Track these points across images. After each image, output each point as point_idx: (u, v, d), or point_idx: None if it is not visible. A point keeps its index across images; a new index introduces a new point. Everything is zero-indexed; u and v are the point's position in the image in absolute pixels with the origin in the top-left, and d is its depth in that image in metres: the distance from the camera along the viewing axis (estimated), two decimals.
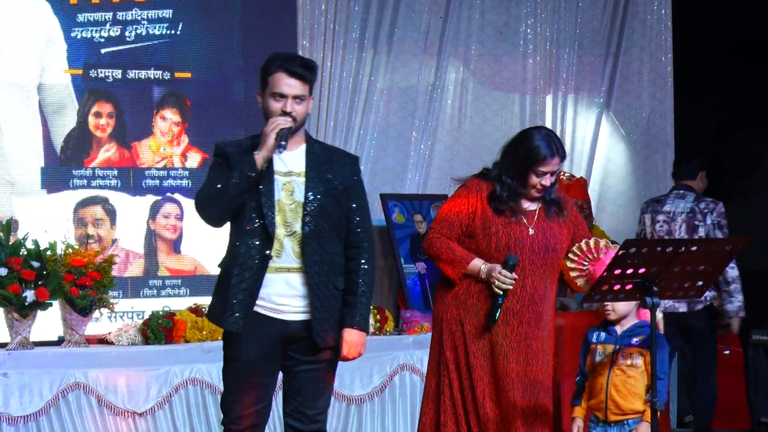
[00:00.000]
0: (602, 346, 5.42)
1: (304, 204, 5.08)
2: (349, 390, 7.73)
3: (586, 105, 9.94)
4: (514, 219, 5.59)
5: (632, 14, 10.07)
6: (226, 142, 5.26)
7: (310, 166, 5.14)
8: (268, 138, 4.96)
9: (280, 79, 5.06)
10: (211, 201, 5.03)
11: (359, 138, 9.03)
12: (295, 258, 5.05)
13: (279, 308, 5.07)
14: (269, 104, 5.09)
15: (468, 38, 9.53)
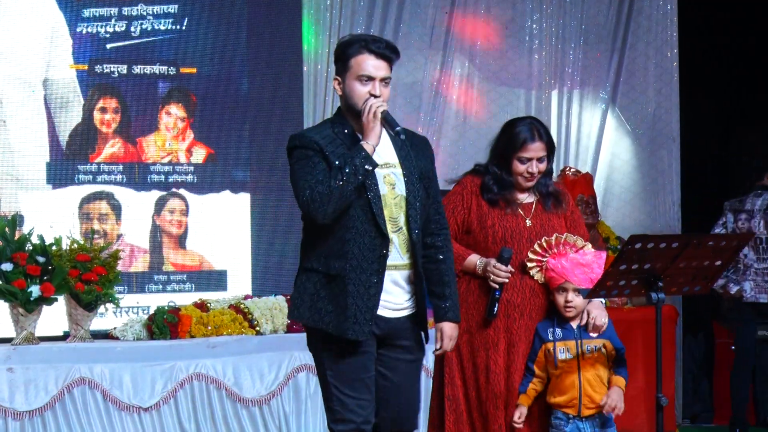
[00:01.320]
0: (562, 343, 5.31)
1: (406, 198, 4.82)
2: None
3: (591, 100, 9.94)
4: (510, 211, 5.55)
5: (638, 9, 10.05)
6: (306, 133, 4.89)
7: (401, 155, 4.87)
8: (373, 125, 4.67)
9: (366, 60, 4.75)
10: (326, 198, 4.59)
11: None
12: (401, 255, 4.81)
13: (384, 305, 4.79)
14: (353, 88, 4.77)
15: (473, 33, 9.53)
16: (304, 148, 4.75)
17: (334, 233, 4.72)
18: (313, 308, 4.78)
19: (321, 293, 4.77)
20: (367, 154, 4.64)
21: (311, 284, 4.80)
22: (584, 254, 5.27)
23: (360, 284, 4.70)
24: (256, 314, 7.67)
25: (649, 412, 7.77)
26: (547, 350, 5.31)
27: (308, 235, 4.89)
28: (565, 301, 5.28)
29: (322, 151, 4.72)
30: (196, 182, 8.40)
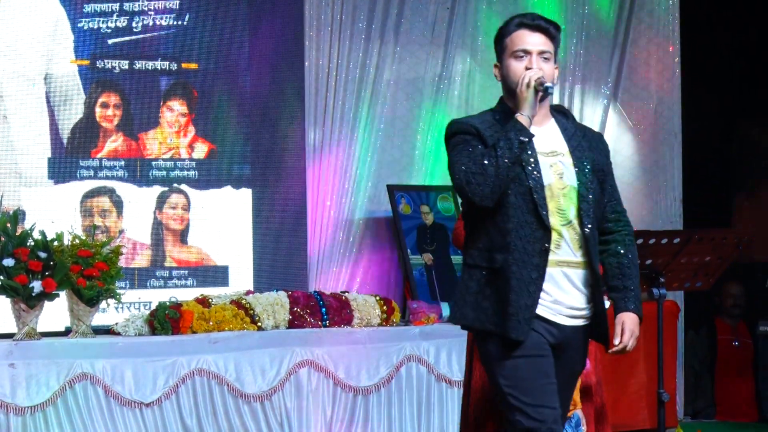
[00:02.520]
0: None
1: (578, 189, 4.47)
2: (356, 381, 7.75)
3: (593, 96, 9.94)
4: None
5: (639, 5, 10.06)
6: (464, 119, 4.56)
7: (572, 145, 4.54)
8: (525, 95, 4.36)
9: (521, 35, 4.47)
10: (481, 177, 4.29)
11: (366, 129, 9.03)
12: (573, 251, 4.45)
13: (557, 309, 4.46)
14: (510, 66, 4.48)
15: (475, 29, 9.53)
16: (462, 133, 4.47)
17: (496, 224, 4.42)
18: (477, 308, 4.46)
19: (485, 291, 4.45)
20: (521, 125, 4.34)
21: (474, 282, 4.48)
22: None
23: (521, 279, 4.36)
24: (258, 310, 7.68)
25: (651, 408, 7.79)
26: None
27: (470, 228, 4.58)
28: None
29: (480, 134, 4.44)
30: (197, 178, 8.40)
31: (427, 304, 8.47)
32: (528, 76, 4.36)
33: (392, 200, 8.91)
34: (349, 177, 8.98)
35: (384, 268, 9.13)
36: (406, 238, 8.86)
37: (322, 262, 8.86)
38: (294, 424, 7.56)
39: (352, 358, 7.78)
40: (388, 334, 8.00)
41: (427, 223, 8.96)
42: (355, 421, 7.78)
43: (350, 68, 8.98)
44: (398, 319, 8.23)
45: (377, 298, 8.20)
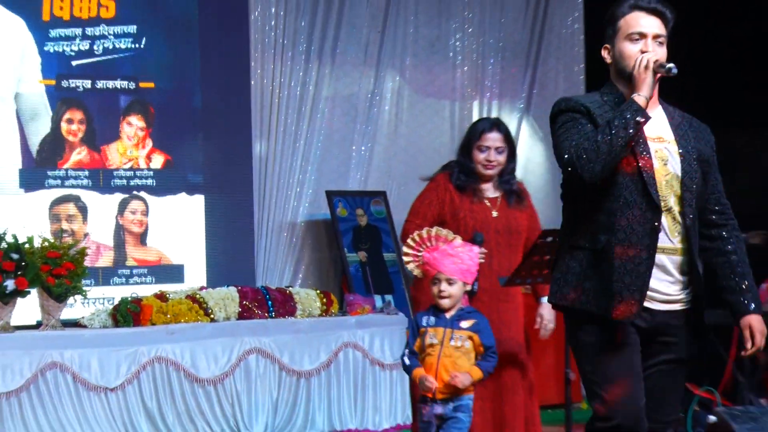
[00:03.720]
0: (433, 329, 5.03)
1: (681, 178, 4.06)
2: (299, 366, 7.76)
3: (508, 110, 10.00)
4: (477, 200, 5.61)
5: (549, 29, 10.11)
6: (573, 98, 4.14)
7: (678, 133, 4.14)
8: (645, 76, 3.96)
9: (636, 17, 4.06)
10: (594, 154, 3.87)
11: (306, 141, 9.04)
12: (670, 237, 4.03)
13: (650, 294, 4.02)
14: (623, 49, 4.07)
15: (403, 51, 9.54)
16: (571, 111, 4.07)
17: (601, 205, 4.00)
18: (578, 288, 4.03)
19: (588, 272, 4.02)
20: (638, 106, 3.93)
21: (576, 263, 4.05)
22: (454, 246, 5.08)
23: (628, 260, 3.94)
24: (211, 303, 7.69)
25: (559, 386, 7.87)
26: (421, 335, 5.09)
27: (571, 210, 4.16)
28: (438, 291, 5.04)
29: (590, 113, 4.04)
30: (155, 185, 8.39)
31: (362, 296, 8.49)
32: (646, 58, 3.98)
33: (330, 204, 8.94)
34: (292, 184, 9.00)
35: (323, 265, 9.15)
36: (342, 238, 8.88)
37: (268, 260, 8.88)
38: (244, 406, 7.57)
39: (296, 346, 7.79)
40: (328, 323, 8.03)
41: (362, 224, 8.99)
42: (299, 402, 7.79)
43: (292, 86, 9.00)
44: (336, 310, 8.24)
45: (317, 292, 8.22)
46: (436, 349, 4.99)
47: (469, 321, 5.06)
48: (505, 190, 5.68)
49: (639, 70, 3.97)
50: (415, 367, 5.03)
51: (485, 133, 5.61)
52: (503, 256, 5.63)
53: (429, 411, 5.01)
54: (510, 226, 5.63)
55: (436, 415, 4.97)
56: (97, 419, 7.14)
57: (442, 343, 4.99)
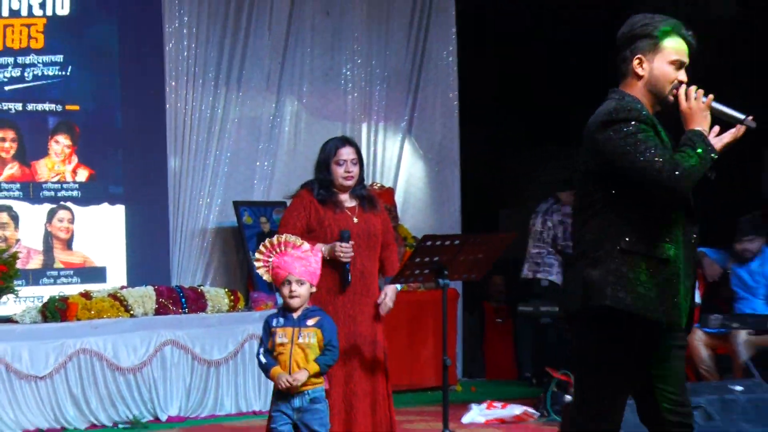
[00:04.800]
0: (282, 329, 4.88)
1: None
2: (209, 355, 7.74)
3: (392, 131, 10.03)
4: (339, 211, 5.56)
5: (427, 60, 10.15)
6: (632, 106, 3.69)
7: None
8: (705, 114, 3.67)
9: (681, 45, 3.76)
10: (692, 176, 3.57)
11: (215, 157, 8.99)
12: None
13: None
14: (665, 71, 3.73)
15: (301, 79, 9.52)
16: (639, 121, 3.67)
17: (654, 214, 3.68)
18: (632, 291, 3.64)
19: (643, 278, 3.65)
20: (712, 147, 3.62)
21: (630, 268, 3.66)
22: (303, 250, 4.94)
23: (682, 269, 3.70)
24: (130, 301, 7.62)
25: (437, 371, 7.92)
26: (273, 334, 4.92)
27: (617, 215, 3.71)
28: (290, 291, 4.89)
29: (656, 127, 3.72)
30: (80, 197, 8.29)
31: (265, 294, 8.47)
32: (700, 94, 3.68)
33: (237, 213, 8.90)
34: (203, 195, 8.94)
35: (231, 266, 9.10)
36: (248, 243, 8.84)
37: (181, 262, 8.81)
38: (160, 391, 7.53)
39: (206, 338, 7.76)
40: (235, 318, 8.01)
41: (265, 230, 8.96)
42: (209, 387, 7.76)
43: (202, 109, 8.94)
44: (242, 306, 8.22)
45: (226, 290, 8.20)
46: (286, 347, 4.84)
47: (314, 318, 4.92)
48: (359, 197, 5.68)
49: (697, 105, 3.67)
50: (272, 366, 4.87)
51: (340, 149, 5.61)
52: (364, 257, 5.59)
53: (287, 405, 4.87)
54: (369, 230, 5.62)
55: (294, 409, 4.85)
56: (28, 405, 7.04)
57: (291, 342, 4.85)
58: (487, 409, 7.53)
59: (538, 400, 7.72)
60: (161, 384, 7.53)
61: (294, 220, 5.55)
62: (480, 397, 8.14)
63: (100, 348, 7.29)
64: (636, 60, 3.74)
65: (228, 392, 7.83)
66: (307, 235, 5.50)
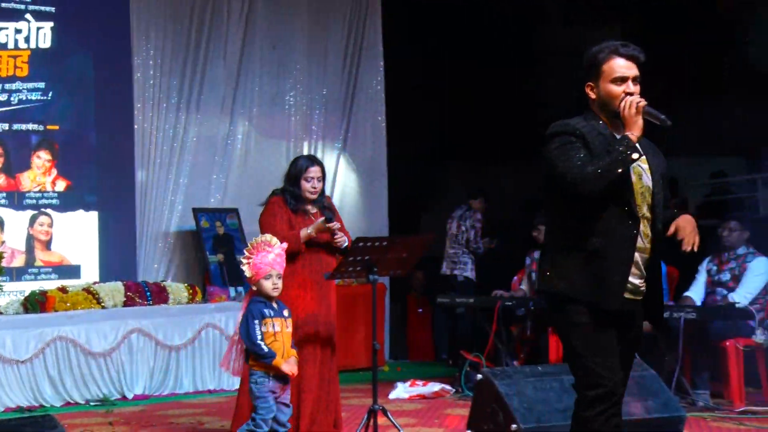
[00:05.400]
0: (272, 319, 4.73)
1: (652, 189, 3.72)
2: (170, 341, 7.65)
3: (329, 148, 10.00)
4: (307, 218, 5.53)
5: (359, 88, 10.15)
6: (568, 123, 3.68)
7: (645, 151, 3.72)
8: (635, 119, 3.58)
9: (617, 63, 3.66)
10: (597, 179, 3.50)
11: (177, 170, 8.89)
12: (643, 239, 3.68)
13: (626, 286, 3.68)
14: (610, 90, 3.66)
15: (251, 103, 9.45)
16: (567, 134, 3.66)
17: (591, 214, 3.61)
18: (569, 279, 3.63)
19: (579, 268, 3.62)
20: (633, 144, 3.56)
21: (568, 260, 3.65)
22: (280, 248, 4.83)
23: (614, 260, 3.60)
24: (102, 294, 7.50)
25: (368, 354, 7.90)
26: (266, 324, 4.74)
27: (562, 217, 3.70)
28: (273, 285, 4.75)
29: (585, 138, 3.64)
30: (58, 204, 8.18)
31: (219, 288, 8.42)
32: (635, 102, 3.61)
33: (195, 218, 8.81)
34: (166, 203, 8.83)
35: (190, 264, 9.00)
36: (205, 244, 8.77)
37: (146, 261, 8.69)
38: (127, 373, 7.42)
39: (168, 326, 7.67)
40: (193, 309, 7.92)
41: (220, 233, 8.89)
42: (170, 369, 7.68)
43: (166, 129, 8.83)
44: (200, 299, 8.14)
45: (185, 285, 8.11)
46: (279, 336, 4.73)
47: (287, 309, 4.86)
48: (320, 206, 5.66)
49: (630, 112, 3.60)
50: (275, 356, 4.68)
51: (309, 167, 5.59)
52: (326, 255, 5.57)
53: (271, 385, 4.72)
54: (333, 231, 5.59)
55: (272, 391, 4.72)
56: (10, 386, 6.92)
57: (282, 331, 4.76)
58: (410, 386, 7.52)
59: (453, 378, 7.72)
60: (128, 366, 7.41)
61: (279, 221, 5.48)
62: (404, 376, 8.14)
63: (74, 335, 7.16)
64: (587, 87, 3.74)
65: (187, 373, 7.74)
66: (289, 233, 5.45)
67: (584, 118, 3.72)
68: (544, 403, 5.17)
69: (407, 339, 10.37)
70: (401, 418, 6.37)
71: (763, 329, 6.90)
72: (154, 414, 6.82)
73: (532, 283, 7.87)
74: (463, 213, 9.35)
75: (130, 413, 6.86)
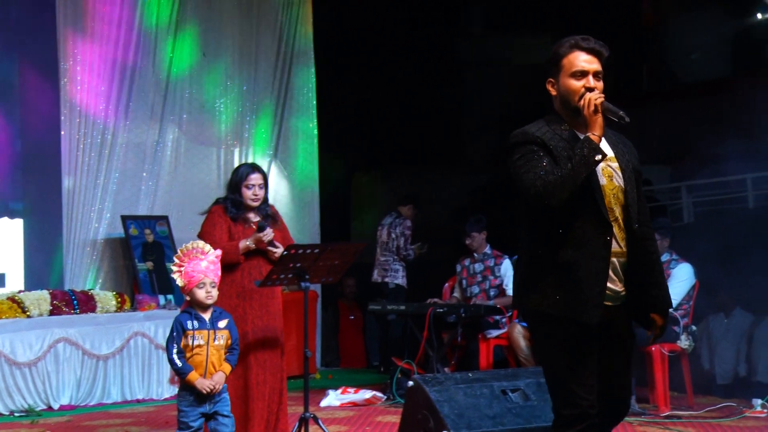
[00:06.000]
0: (198, 332, 4.57)
1: (625, 189, 3.52)
2: (98, 350, 7.51)
3: (261, 156, 9.94)
4: (247, 226, 5.49)
5: (290, 96, 10.14)
6: (528, 130, 3.49)
7: (616, 150, 3.57)
8: (596, 117, 3.41)
9: (577, 57, 3.49)
10: (559, 187, 3.33)
11: (105, 177, 8.72)
12: (619, 243, 3.48)
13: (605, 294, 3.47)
14: (568, 85, 3.49)
15: (181, 110, 9.35)
16: (528, 144, 3.46)
17: (560, 222, 3.43)
18: (543, 294, 3.45)
19: (549, 279, 3.43)
20: (595, 145, 3.38)
21: (539, 272, 3.47)
22: (213, 255, 4.70)
23: (589, 270, 3.40)
24: (27, 303, 7.32)
25: (300, 361, 7.86)
26: (187, 337, 4.59)
27: (531, 227, 3.51)
28: (206, 294, 4.62)
29: (546, 145, 3.44)
30: None
31: (149, 296, 8.30)
32: (594, 99, 3.43)
33: (124, 226, 8.67)
34: (94, 210, 8.66)
35: (119, 272, 8.85)
36: (134, 252, 8.63)
37: (74, 268, 8.50)
38: (53, 383, 7.27)
39: (95, 335, 7.53)
40: (122, 317, 7.79)
41: (149, 241, 8.75)
42: (98, 378, 7.54)
43: (94, 135, 8.66)
44: (129, 307, 8.02)
45: (114, 293, 7.97)
46: (203, 349, 4.56)
47: (224, 321, 4.70)
48: (262, 214, 5.62)
49: (589, 111, 3.42)
50: (189, 370, 4.53)
51: (250, 175, 5.57)
52: (267, 263, 5.52)
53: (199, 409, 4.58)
54: (270, 241, 5.56)
55: (202, 413, 4.58)
56: None
57: (207, 344, 4.58)
58: (342, 394, 7.49)
59: (385, 385, 7.71)
60: (54, 376, 7.26)
61: (219, 231, 5.44)
62: (336, 383, 8.12)
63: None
64: (549, 84, 3.56)
65: (114, 383, 7.61)
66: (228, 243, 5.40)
67: (546, 122, 3.54)
68: (474, 410, 5.18)
69: (339, 346, 10.35)
70: (333, 425, 6.34)
71: (688, 334, 7.04)
72: (80, 424, 6.69)
73: (464, 290, 7.91)
74: (393, 220, 9.37)
75: (56, 424, 6.71)
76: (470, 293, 7.86)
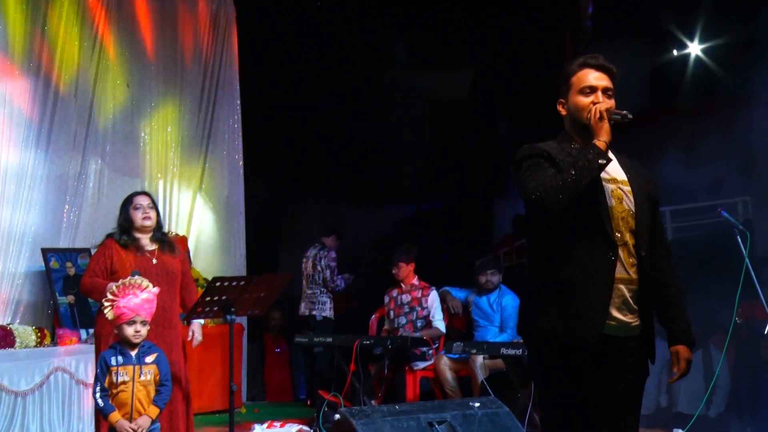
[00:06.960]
0: (123, 367, 4.50)
1: (635, 214, 3.41)
2: (17, 387, 7.30)
3: (186, 187, 9.86)
4: (140, 254, 5.44)
5: (215, 128, 10.11)
6: (535, 145, 3.44)
7: (629, 174, 3.49)
8: (601, 124, 3.34)
9: (586, 74, 3.46)
10: (560, 191, 3.21)
11: (25, 208, 8.53)
12: (626, 269, 3.35)
13: (609, 322, 3.32)
14: (577, 101, 3.45)
15: (105, 140, 9.23)
16: (534, 156, 3.40)
17: (563, 242, 3.32)
18: (545, 317, 3.32)
19: (548, 300, 3.32)
20: (600, 149, 3.29)
21: (541, 293, 3.37)
22: (149, 292, 4.65)
23: (590, 290, 3.27)
24: None
25: (225, 395, 7.77)
26: (111, 373, 4.52)
27: (537, 244, 3.42)
28: (135, 331, 4.55)
29: (552, 157, 3.38)
30: None
31: (70, 330, 8.12)
32: (598, 108, 3.39)
33: (45, 259, 8.47)
34: (14, 242, 8.45)
35: (39, 306, 8.64)
36: (55, 285, 8.44)
37: None
38: None
39: (14, 371, 7.32)
40: (42, 352, 7.59)
41: (71, 274, 8.57)
42: (16, 415, 7.32)
43: (14, 166, 8.48)
44: (49, 342, 7.82)
45: (33, 328, 7.79)
46: (128, 386, 4.49)
47: (152, 355, 4.62)
48: (159, 242, 5.57)
49: (595, 119, 3.37)
50: (111, 411, 4.44)
51: (136, 197, 5.63)
52: (164, 292, 5.44)
53: None
54: (167, 269, 5.53)
55: None
56: None
57: (133, 380, 4.50)
58: (268, 428, 7.40)
59: (312, 418, 7.64)
60: None
61: (94, 265, 5.43)
62: (262, 417, 8.03)
63: None
64: (559, 105, 3.53)
65: (34, 420, 7.39)
66: (110, 277, 5.34)
67: (557, 142, 3.48)
68: None
69: (265, 380, 10.25)
70: None
71: None
72: None
73: (391, 321, 7.91)
74: (318, 252, 9.35)
75: None
76: (397, 324, 7.86)
